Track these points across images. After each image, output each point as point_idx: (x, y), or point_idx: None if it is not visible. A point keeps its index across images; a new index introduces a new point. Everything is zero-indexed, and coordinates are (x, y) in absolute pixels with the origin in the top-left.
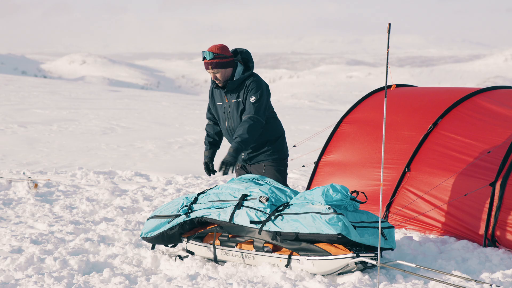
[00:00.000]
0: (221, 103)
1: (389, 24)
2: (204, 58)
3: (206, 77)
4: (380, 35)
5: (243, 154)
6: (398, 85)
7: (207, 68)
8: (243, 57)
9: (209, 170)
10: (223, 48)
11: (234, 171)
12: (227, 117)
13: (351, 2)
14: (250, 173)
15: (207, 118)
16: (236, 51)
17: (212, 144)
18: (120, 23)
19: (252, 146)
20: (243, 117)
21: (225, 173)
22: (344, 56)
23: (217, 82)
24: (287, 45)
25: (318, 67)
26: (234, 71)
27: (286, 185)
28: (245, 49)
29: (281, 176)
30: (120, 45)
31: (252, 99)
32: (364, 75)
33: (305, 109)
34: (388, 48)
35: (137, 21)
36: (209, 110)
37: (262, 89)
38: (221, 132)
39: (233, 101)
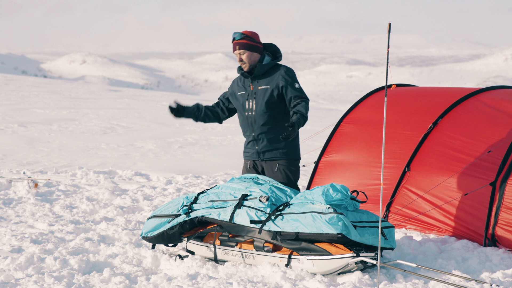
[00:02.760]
0: (243, 92)
1: (389, 24)
2: (233, 40)
3: (206, 76)
4: (380, 35)
5: (257, 146)
6: (398, 85)
7: (234, 49)
8: (271, 50)
9: (173, 108)
10: (254, 33)
11: (243, 169)
12: (249, 104)
13: (351, 2)
14: (262, 172)
15: (218, 99)
16: (265, 45)
17: (198, 108)
18: (121, 22)
19: (269, 139)
20: (297, 100)
21: (287, 136)
22: (344, 55)
23: (242, 65)
24: (287, 44)
25: (318, 67)
26: (261, 59)
27: (297, 186)
28: (273, 43)
29: (293, 176)
30: (120, 45)
31: (297, 85)
32: (364, 75)
33: None
34: (388, 47)
35: (138, 20)
36: (224, 95)
37: (296, 76)
38: (211, 114)
39: (259, 87)
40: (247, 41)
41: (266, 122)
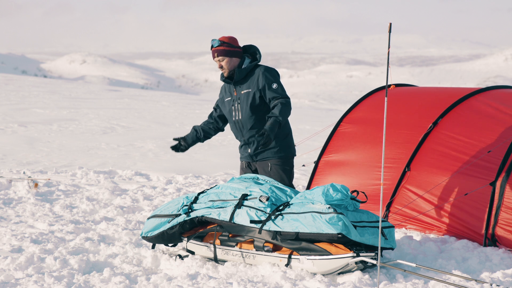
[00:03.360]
0: (229, 98)
1: (390, 24)
2: (212, 47)
3: (206, 76)
4: (380, 35)
5: (249, 149)
6: (397, 85)
7: (213, 56)
8: (250, 51)
9: (177, 147)
10: (232, 38)
11: (240, 170)
12: (235, 109)
13: (351, 2)
14: (256, 171)
15: (213, 107)
16: (245, 47)
17: (196, 131)
18: (121, 22)
19: (258, 141)
20: (275, 101)
21: (264, 143)
22: (344, 55)
23: (222, 71)
24: (287, 44)
25: (318, 67)
26: (241, 63)
27: (292, 185)
28: (253, 44)
29: (286, 175)
30: (120, 45)
31: (274, 85)
32: (364, 75)
33: (305, 109)
34: (388, 47)
35: (138, 20)
36: (217, 104)
37: (277, 75)
38: (209, 130)
39: (242, 92)
40: (225, 47)
41: (254, 125)
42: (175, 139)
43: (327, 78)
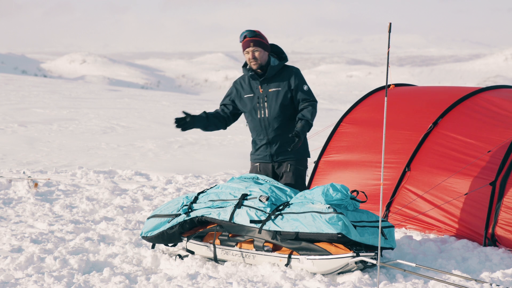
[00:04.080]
0: (252, 95)
1: (390, 24)
2: (244, 37)
3: (206, 76)
4: (380, 35)
5: (270, 149)
6: (397, 85)
7: (247, 46)
8: (275, 51)
9: (181, 120)
10: (261, 33)
11: (253, 172)
12: (262, 107)
13: (351, 2)
14: (273, 171)
15: (220, 105)
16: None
17: (205, 117)
18: (121, 22)
19: (283, 141)
20: (305, 103)
21: (295, 147)
22: (344, 55)
23: (253, 64)
24: (287, 44)
25: (318, 67)
26: (269, 60)
27: (305, 184)
28: (275, 44)
29: (303, 175)
30: (120, 45)
31: (305, 87)
32: (364, 75)
33: None
34: (388, 47)
35: (138, 20)
36: (225, 101)
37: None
38: (218, 121)
39: (270, 90)
40: (260, 39)
41: (281, 125)
42: (183, 112)
43: (327, 78)
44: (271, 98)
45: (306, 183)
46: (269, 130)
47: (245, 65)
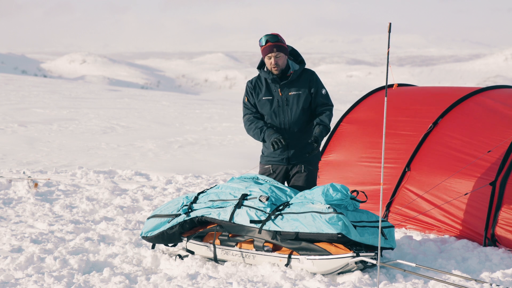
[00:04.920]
0: (270, 97)
1: (390, 24)
2: (266, 42)
3: (206, 76)
4: (380, 35)
5: (286, 152)
6: (399, 85)
7: (269, 51)
8: (292, 53)
9: (282, 143)
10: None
11: (270, 171)
12: (282, 110)
13: (351, 2)
14: (286, 174)
15: (249, 112)
16: None
17: (268, 126)
18: (121, 22)
19: (299, 144)
20: (323, 107)
21: (313, 152)
22: (344, 55)
23: (274, 69)
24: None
25: (318, 67)
26: (288, 63)
27: (315, 185)
28: (290, 46)
29: (315, 176)
30: (120, 45)
31: (324, 91)
32: (364, 75)
33: None
34: (388, 47)
35: (138, 20)
36: (250, 104)
37: None
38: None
39: (290, 93)
40: (282, 43)
41: (300, 128)
42: (279, 139)
43: (327, 78)
44: (293, 101)
45: None
46: (288, 133)
47: (260, 66)
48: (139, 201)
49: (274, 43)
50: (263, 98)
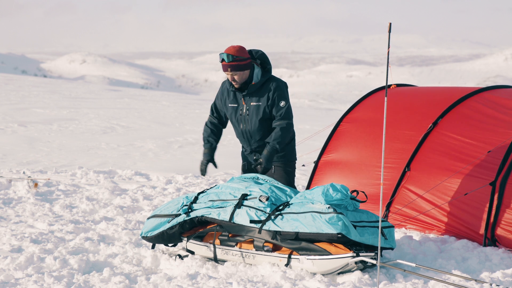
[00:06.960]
0: (235, 105)
1: (390, 24)
2: (222, 60)
3: (206, 76)
4: (380, 35)
5: (255, 157)
6: (398, 85)
7: (225, 70)
8: (259, 59)
9: (205, 170)
10: (241, 50)
11: (242, 171)
12: (244, 119)
13: (351, 2)
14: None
15: (212, 115)
16: (252, 53)
17: (213, 143)
18: (121, 22)
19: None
20: (277, 122)
21: (262, 171)
22: (344, 55)
23: (234, 84)
24: (287, 44)
25: (318, 67)
26: (251, 73)
27: (294, 186)
28: (261, 51)
29: (288, 177)
30: (120, 45)
31: (282, 103)
32: (364, 75)
33: (305, 109)
34: (388, 47)
35: (138, 20)
36: (215, 108)
37: (286, 92)
38: (221, 132)
39: (251, 104)
40: (237, 63)
41: (263, 137)
42: (205, 164)
43: (327, 78)
44: (252, 111)
45: (306, 183)
46: (252, 141)
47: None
48: (139, 201)
49: (228, 63)
50: (229, 105)
